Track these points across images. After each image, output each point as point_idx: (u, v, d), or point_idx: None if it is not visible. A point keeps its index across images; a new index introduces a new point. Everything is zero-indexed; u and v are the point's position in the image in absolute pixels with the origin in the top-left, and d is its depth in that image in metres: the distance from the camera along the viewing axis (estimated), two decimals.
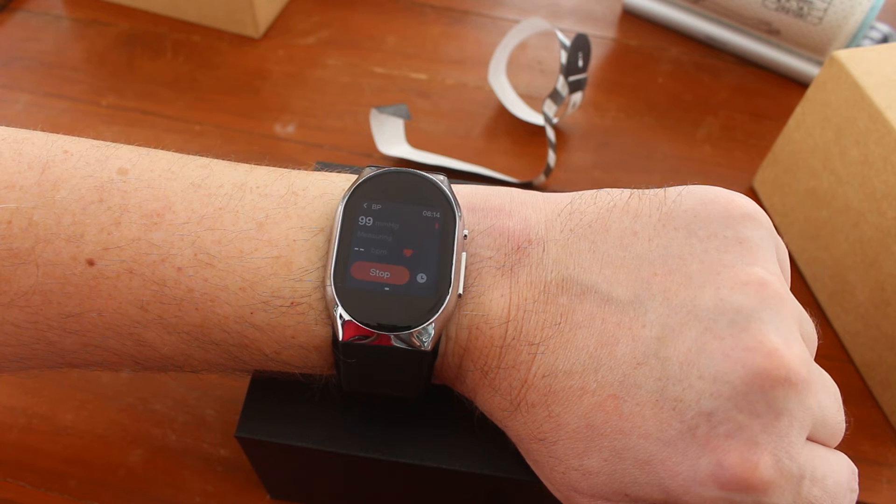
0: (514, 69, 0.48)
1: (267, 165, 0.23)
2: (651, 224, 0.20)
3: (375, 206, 0.21)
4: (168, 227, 0.20)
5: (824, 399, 0.19)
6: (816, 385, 0.19)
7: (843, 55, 0.34)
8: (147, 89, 0.46)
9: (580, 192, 0.22)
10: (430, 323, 0.19)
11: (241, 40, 0.49)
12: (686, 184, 0.22)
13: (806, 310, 0.21)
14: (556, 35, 0.43)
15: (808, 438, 0.19)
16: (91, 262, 0.20)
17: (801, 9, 0.44)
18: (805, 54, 0.47)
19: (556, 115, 0.44)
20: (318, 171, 0.23)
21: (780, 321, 0.19)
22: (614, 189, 0.22)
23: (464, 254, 0.20)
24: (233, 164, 0.23)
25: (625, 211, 0.21)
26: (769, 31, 0.47)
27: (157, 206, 0.20)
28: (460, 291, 0.20)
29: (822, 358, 0.35)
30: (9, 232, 0.20)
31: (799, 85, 0.48)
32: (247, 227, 0.20)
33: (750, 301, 0.19)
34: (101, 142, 0.22)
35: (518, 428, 0.21)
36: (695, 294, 0.19)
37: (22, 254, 0.20)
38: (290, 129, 0.44)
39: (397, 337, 0.20)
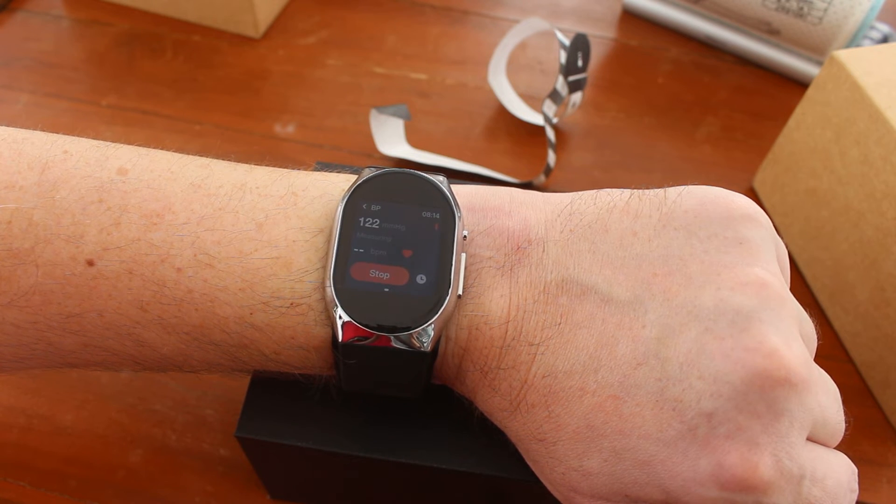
0: (514, 69, 0.48)
1: (267, 165, 0.23)
2: (651, 224, 0.20)
3: (375, 207, 0.21)
4: (168, 227, 0.20)
5: (824, 399, 0.19)
6: (816, 385, 0.19)
7: (843, 55, 0.34)
8: (147, 89, 0.46)
9: (580, 193, 0.22)
10: (430, 324, 0.19)
11: (241, 40, 0.49)
12: (686, 184, 0.22)
13: (806, 310, 0.21)
14: (555, 35, 0.43)
15: (808, 439, 0.19)
16: (91, 263, 0.20)
17: (801, 9, 0.44)
18: (805, 54, 0.47)
19: (555, 115, 0.44)
20: (318, 171, 0.23)
21: (780, 321, 0.19)
22: (614, 189, 0.22)
23: (463, 254, 0.20)
24: (233, 165, 0.23)
25: (625, 211, 0.21)
26: (769, 31, 0.47)
27: (157, 206, 0.20)
28: (460, 292, 0.20)
29: (822, 358, 0.35)
30: (8, 232, 0.20)
31: (799, 85, 0.48)
32: (246, 227, 0.20)
33: (750, 301, 0.19)
34: (101, 142, 0.22)
35: (518, 428, 0.21)
36: (695, 294, 0.19)
37: (22, 254, 0.20)
38: (290, 129, 0.44)
39: (397, 338, 0.20)
